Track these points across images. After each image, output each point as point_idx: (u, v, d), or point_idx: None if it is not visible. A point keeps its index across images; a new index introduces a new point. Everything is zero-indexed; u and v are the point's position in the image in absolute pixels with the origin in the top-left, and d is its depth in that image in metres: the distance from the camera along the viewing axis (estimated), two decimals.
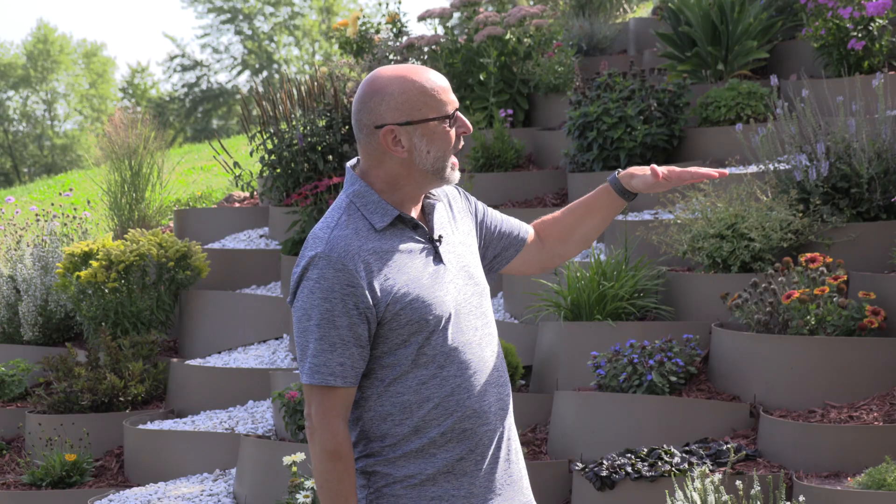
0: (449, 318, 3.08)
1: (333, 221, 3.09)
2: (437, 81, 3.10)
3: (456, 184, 3.28)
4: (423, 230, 3.13)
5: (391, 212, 3.09)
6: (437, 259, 3.12)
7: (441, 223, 3.19)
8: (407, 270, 3.06)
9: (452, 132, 3.12)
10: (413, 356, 3.05)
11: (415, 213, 3.15)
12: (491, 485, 3.14)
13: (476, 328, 3.15)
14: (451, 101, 3.12)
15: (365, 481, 3.11)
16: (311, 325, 3.03)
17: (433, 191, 3.20)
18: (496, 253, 3.38)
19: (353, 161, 3.20)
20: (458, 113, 3.13)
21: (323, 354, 3.02)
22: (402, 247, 3.09)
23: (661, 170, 3.30)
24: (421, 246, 3.12)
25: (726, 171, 3.37)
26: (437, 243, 3.14)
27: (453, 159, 3.14)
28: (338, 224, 3.08)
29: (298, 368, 3.10)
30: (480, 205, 3.38)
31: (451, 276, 3.13)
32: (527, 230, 3.43)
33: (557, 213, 3.48)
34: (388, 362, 3.06)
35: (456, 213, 3.27)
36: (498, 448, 3.15)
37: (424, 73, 3.10)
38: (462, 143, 3.15)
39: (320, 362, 3.02)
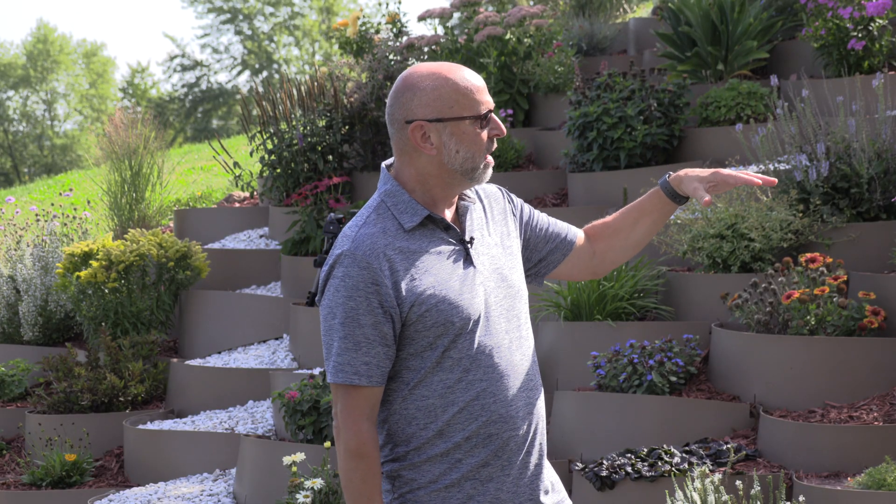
0: (477, 322, 3.04)
1: (362, 220, 3.06)
2: (471, 80, 3.07)
3: (498, 186, 3.26)
4: (454, 231, 3.09)
5: (421, 212, 3.05)
6: (468, 261, 3.08)
7: (476, 225, 3.14)
8: (434, 272, 3.03)
9: (484, 133, 3.07)
10: (438, 359, 3.02)
11: (448, 214, 3.11)
12: (518, 490, 3.10)
13: (507, 331, 3.10)
14: (486, 101, 3.07)
15: (389, 486, 3.08)
16: (336, 323, 3.00)
17: (468, 192, 3.16)
18: (542, 256, 3.32)
19: (389, 161, 3.17)
20: (493, 115, 3.09)
21: (347, 353, 2.99)
22: (431, 248, 3.05)
23: (707, 198, 3.20)
24: (451, 248, 3.07)
25: (774, 180, 3.24)
26: (469, 245, 3.09)
27: (488, 158, 3.09)
28: (366, 222, 3.05)
29: (325, 367, 3.07)
30: (527, 207, 3.32)
31: (482, 279, 3.08)
32: (575, 233, 3.36)
33: (608, 217, 3.41)
34: (414, 365, 3.03)
35: (495, 215, 3.21)
36: (528, 454, 3.11)
37: (460, 71, 3.07)
38: (495, 145, 3.11)
39: (345, 361, 3.00)
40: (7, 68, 43.95)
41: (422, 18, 10.66)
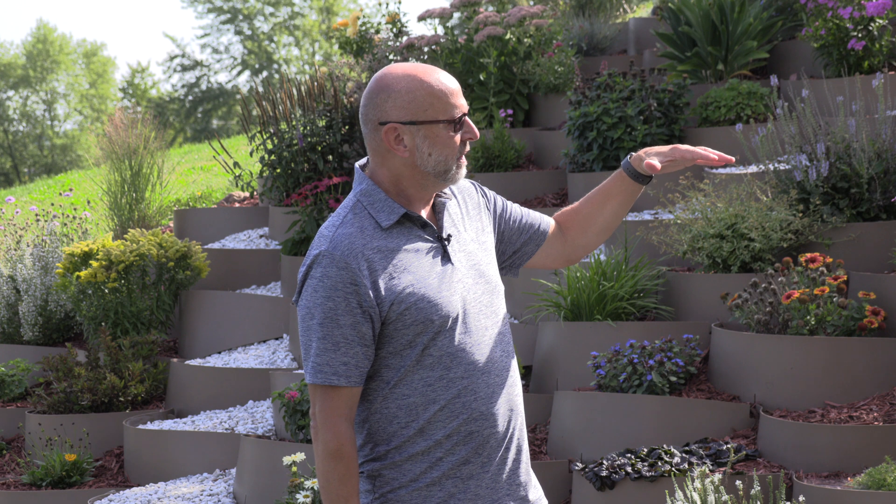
0: (456, 319, 3.03)
1: (339, 220, 3.06)
2: (446, 84, 3.05)
3: (471, 180, 3.26)
4: (431, 229, 3.09)
5: (398, 210, 3.05)
6: (446, 258, 3.08)
7: (452, 221, 3.14)
8: (413, 270, 3.02)
9: (457, 137, 3.07)
10: (418, 357, 3.01)
11: (424, 212, 3.11)
12: (497, 486, 3.09)
13: (486, 328, 3.10)
14: (460, 105, 3.06)
15: (370, 486, 3.07)
16: (314, 323, 3.00)
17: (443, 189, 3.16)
18: (516, 248, 3.31)
19: (363, 161, 3.16)
20: (467, 118, 3.08)
21: (326, 353, 2.99)
22: (409, 246, 3.04)
23: (658, 164, 3.22)
24: (429, 245, 3.07)
25: (731, 158, 3.26)
26: (446, 242, 3.09)
27: (461, 159, 3.08)
28: (343, 222, 3.04)
29: (303, 367, 3.07)
30: (500, 199, 3.31)
31: (460, 276, 3.08)
32: (548, 222, 3.36)
33: (577, 203, 3.40)
34: (394, 363, 3.02)
35: (469, 210, 3.21)
36: (507, 450, 3.11)
37: (435, 73, 3.05)
38: (468, 148, 3.10)
39: (323, 361, 2.99)
40: (7, 68, 43.94)
41: (422, 18, 10.66)
